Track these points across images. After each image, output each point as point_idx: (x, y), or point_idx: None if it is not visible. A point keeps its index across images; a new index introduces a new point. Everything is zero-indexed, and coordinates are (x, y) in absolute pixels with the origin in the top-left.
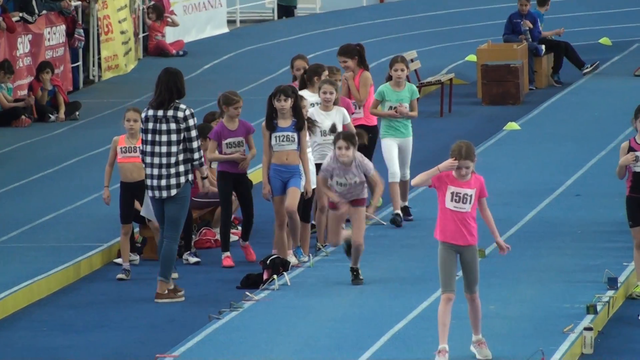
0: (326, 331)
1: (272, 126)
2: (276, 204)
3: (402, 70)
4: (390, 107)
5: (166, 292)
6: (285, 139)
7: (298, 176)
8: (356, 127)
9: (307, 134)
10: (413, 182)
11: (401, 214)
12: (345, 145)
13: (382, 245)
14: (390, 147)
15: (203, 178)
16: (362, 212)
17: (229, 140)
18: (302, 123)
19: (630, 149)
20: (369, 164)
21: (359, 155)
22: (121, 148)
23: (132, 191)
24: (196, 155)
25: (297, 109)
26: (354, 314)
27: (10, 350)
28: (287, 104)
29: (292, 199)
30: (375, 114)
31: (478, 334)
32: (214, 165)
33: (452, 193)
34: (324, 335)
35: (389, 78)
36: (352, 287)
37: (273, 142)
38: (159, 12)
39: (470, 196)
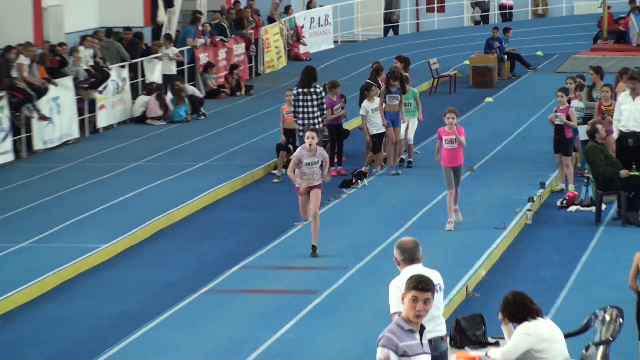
0: (388, 209)
1: (389, 90)
2: (389, 132)
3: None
4: None
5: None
6: (394, 98)
7: (397, 122)
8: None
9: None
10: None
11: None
12: (312, 135)
13: (406, 174)
14: (410, 123)
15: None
16: (317, 192)
17: (336, 106)
18: (404, 89)
19: (555, 112)
20: (324, 152)
21: (320, 147)
22: (286, 112)
23: (288, 133)
24: (324, 113)
25: (402, 82)
26: (404, 198)
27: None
28: (397, 83)
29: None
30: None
31: (457, 211)
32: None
33: (445, 138)
34: (388, 210)
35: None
36: (395, 186)
37: (387, 99)
38: (297, 36)
39: (456, 138)
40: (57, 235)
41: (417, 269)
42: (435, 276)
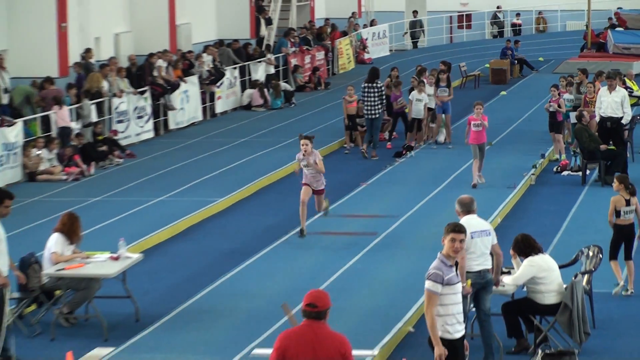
0: (429, 173)
1: (439, 85)
2: (439, 117)
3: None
4: None
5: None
6: (444, 91)
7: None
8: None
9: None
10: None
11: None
12: (306, 142)
13: (442, 148)
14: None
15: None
16: (320, 197)
17: (400, 99)
18: (449, 84)
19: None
20: (317, 153)
21: (315, 151)
22: (348, 101)
23: (349, 118)
24: (383, 102)
25: (449, 79)
26: (440, 165)
27: None
28: (445, 75)
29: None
30: None
31: (481, 176)
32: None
33: (473, 123)
34: (428, 174)
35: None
36: (434, 156)
37: (438, 92)
38: (362, 46)
39: (481, 123)
40: (186, 191)
41: (472, 218)
42: (485, 224)
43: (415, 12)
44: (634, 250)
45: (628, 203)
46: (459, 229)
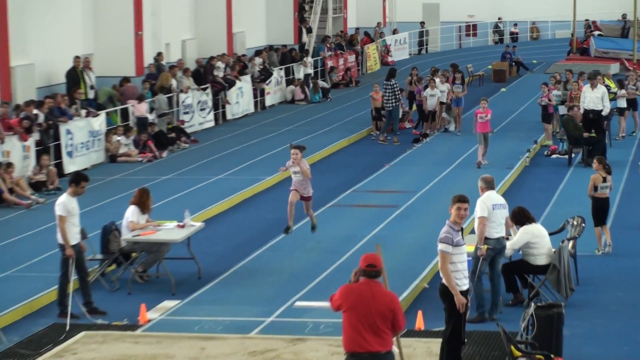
0: (442, 156)
1: (454, 83)
2: (454, 109)
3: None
4: None
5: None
6: (458, 87)
7: None
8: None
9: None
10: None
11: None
12: (296, 152)
13: (453, 135)
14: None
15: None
16: (308, 204)
17: (423, 93)
18: (463, 81)
19: (541, 98)
20: (305, 162)
21: (303, 160)
22: (373, 97)
23: (375, 110)
24: (397, 97)
25: (463, 78)
26: (451, 149)
27: None
28: (460, 75)
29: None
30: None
31: (484, 159)
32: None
33: (479, 115)
34: (442, 156)
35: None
36: (446, 142)
37: (453, 88)
38: (387, 51)
39: (486, 115)
40: (240, 171)
41: (492, 193)
42: (502, 199)
43: (422, 24)
44: (609, 218)
45: (605, 180)
46: (463, 199)
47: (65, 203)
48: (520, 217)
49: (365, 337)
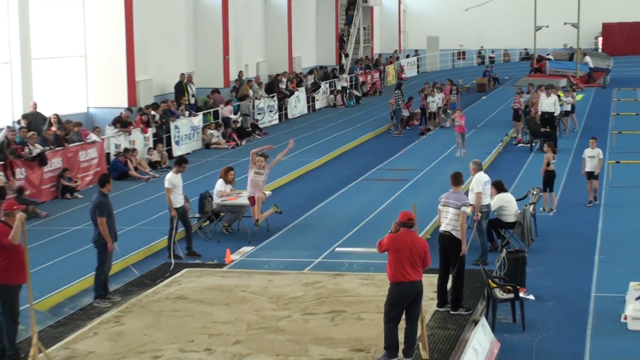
0: (439, 146)
1: (452, 92)
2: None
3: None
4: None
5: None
6: (454, 96)
7: None
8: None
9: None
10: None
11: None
12: (261, 160)
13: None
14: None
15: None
16: (260, 196)
17: (429, 99)
18: (457, 91)
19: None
20: (267, 172)
21: (267, 168)
22: (392, 102)
23: (392, 112)
24: (399, 104)
25: (457, 89)
26: (445, 142)
27: None
28: (455, 87)
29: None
30: None
31: (464, 150)
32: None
33: (455, 120)
34: (439, 146)
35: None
36: (441, 136)
37: (451, 97)
38: (402, 69)
39: (461, 121)
40: (298, 155)
41: (481, 173)
42: (487, 176)
43: (416, 51)
44: (557, 189)
45: (553, 158)
46: (457, 177)
47: (170, 179)
48: (497, 188)
49: (408, 270)
